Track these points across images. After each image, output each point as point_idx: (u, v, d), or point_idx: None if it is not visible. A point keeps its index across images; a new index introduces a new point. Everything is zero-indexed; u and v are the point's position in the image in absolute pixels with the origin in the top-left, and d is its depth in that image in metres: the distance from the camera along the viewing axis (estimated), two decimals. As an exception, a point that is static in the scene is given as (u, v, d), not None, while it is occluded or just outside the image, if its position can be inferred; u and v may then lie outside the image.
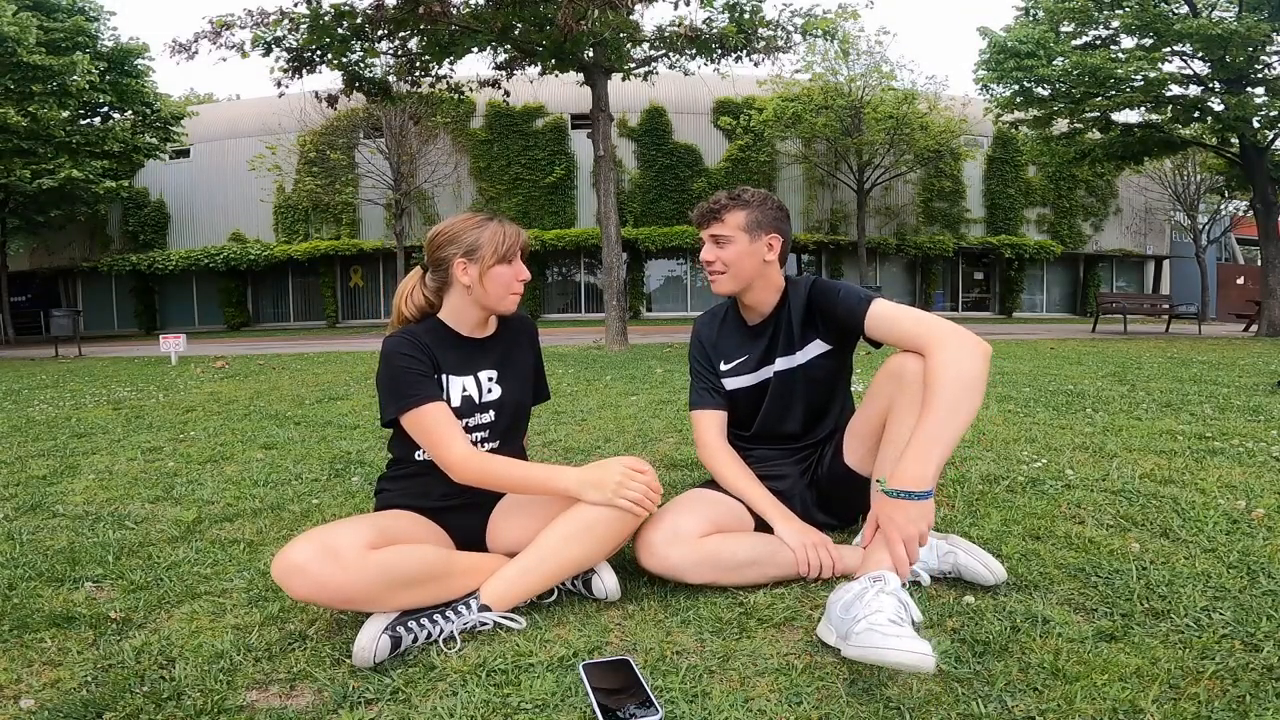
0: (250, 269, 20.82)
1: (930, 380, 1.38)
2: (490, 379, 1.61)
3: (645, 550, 1.50)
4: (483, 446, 1.59)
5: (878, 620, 1.12)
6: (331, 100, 9.48)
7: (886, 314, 1.56)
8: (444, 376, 1.55)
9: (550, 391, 1.86)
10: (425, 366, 1.51)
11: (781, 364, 1.76)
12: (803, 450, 1.83)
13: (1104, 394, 4.20)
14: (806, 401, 1.79)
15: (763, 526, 1.66)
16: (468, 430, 1.56)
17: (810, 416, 1.81)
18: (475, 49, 8.71)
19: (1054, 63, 12.25)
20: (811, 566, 1.53)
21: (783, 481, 1.77)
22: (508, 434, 1.64)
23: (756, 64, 9.42)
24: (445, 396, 1.54)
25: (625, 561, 1.60)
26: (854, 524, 1.80)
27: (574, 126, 19.94)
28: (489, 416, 1.60)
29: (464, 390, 1.57)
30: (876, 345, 1.62)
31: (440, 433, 1.46)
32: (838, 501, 1.77)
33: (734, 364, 1.82)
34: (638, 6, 7.81)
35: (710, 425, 1.81)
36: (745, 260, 1.70)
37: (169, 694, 1.17)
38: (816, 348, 1.74)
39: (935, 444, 1.30)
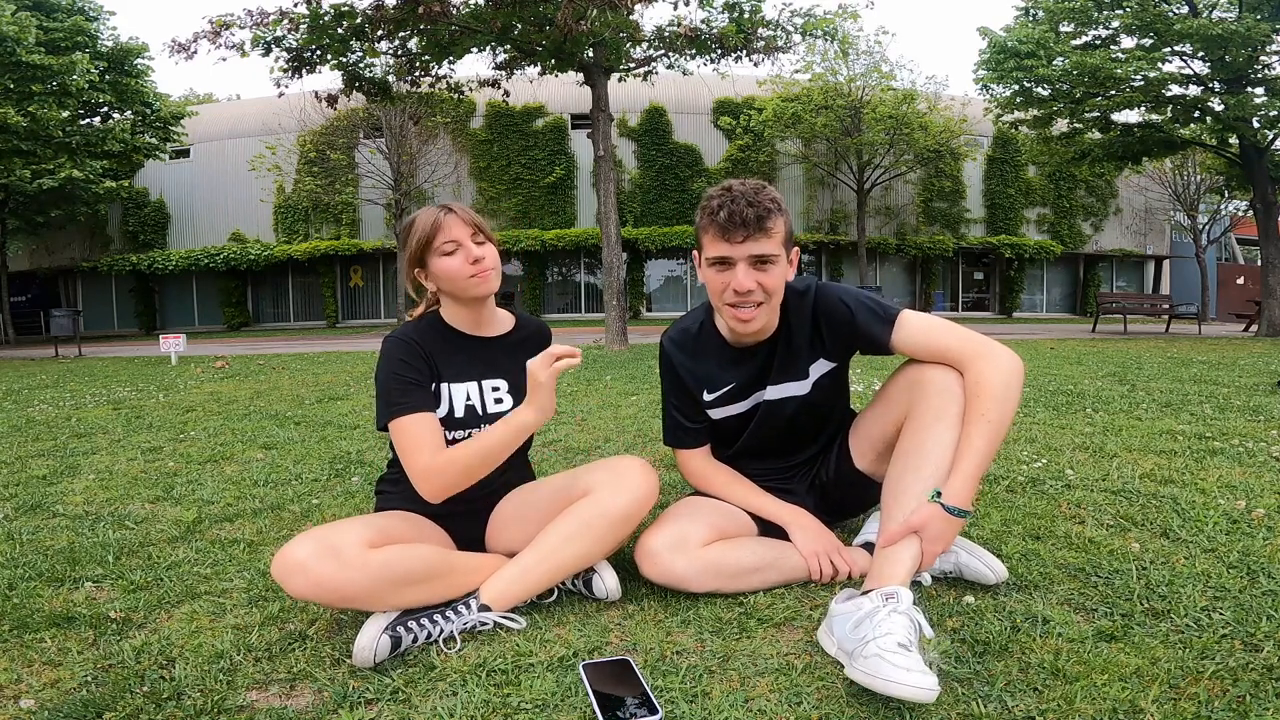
0: (250, 269, 20.83)
1: (976, 396, 1.36)
2: (497, 389, 1.56)
3: (647, 559, 1.47)
4: None
5: (886, 645, 1.08)
6: (331, 100, 9.49)
7: (918, 328, 1.45)
8: (444, 385, 1.51)
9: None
10: (419, 374, 1.47)
11: (774, 392, 1.60)
12: (793, 468, 1.74)
13: (1104, 394, 4.20)
14: (797, 428, 1.66)
15: (766, 529, 1.63)
16: None
17: (802, 440, 1.70)
18: (475, 49, 8.70)
19: (1054, 63, 12.25)
20: (825, 573, 1.52)
21: (783, 486, 1.73)
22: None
23: (756, 64, 9.42)
24: (448, 406, 1.50)
25: (625, 561, 1.60)
26: (850, 522, 1.79)
27: (574, 126, 19.95)
28: None
29: (467, 399, 1.52)
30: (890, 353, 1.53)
31: (411, 445, 1.42)
32: (843, 503, 1.74)
33: (720, 392, 1.62)
34: (638, 6, 7.80)
35: (695, 458, 1.71)
36: (783, 285, 1.47)
37: (169, 694, 1.17)
38: (821, 367, 1.59)
39: (985, 463, 1.32)
